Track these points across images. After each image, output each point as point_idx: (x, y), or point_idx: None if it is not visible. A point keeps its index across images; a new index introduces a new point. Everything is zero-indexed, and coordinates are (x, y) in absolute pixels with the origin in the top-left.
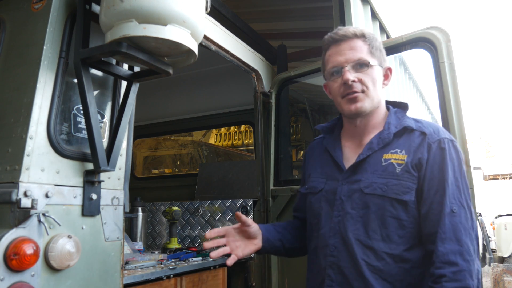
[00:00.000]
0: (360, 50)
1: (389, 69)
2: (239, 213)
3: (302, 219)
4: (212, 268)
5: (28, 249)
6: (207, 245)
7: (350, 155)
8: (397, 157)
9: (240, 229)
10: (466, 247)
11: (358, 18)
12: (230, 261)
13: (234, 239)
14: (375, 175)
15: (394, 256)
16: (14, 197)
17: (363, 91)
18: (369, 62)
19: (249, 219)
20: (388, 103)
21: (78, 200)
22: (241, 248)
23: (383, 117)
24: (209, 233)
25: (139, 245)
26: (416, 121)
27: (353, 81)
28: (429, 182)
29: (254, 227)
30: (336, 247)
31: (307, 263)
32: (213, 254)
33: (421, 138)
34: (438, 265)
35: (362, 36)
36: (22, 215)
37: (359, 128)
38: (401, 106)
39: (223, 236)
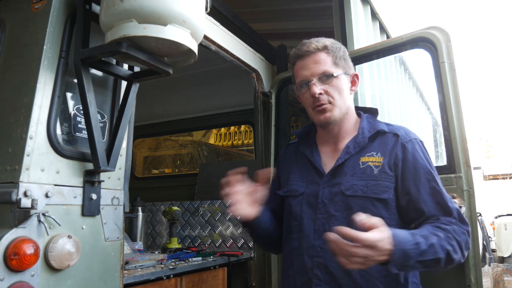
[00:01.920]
0: (324, 63)
1: (356, 76)
2: (261, 171)
3: (278, 215)
4: (212, 268)
5: (28, 249)
6: (226, 189)
7: (327, 160)
8: (373, 159)
9: (254, 190)
10: (454, 209)
11: (358, 18)
12: (230, 212)
13: (241, 197)
14: (355, 178)
15: None
16: (14, 197)
17: (330, 102)
18: (333, 74)
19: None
20: (358, 109)
21: (78, 200)
22: (242, 208)
23: (354, 122)
24: (230, 178)
25: (139, 245)
26: (387, 124)
27: (320, 93)
28: (407, 178)
29: (263, 194)
30: (322, 248)
31: (283, 264)
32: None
33: (394, 140)
34: (440, 218)
35: (325, 49)
36: (22, 215)
37: (332, 134)
38: (371, 112)
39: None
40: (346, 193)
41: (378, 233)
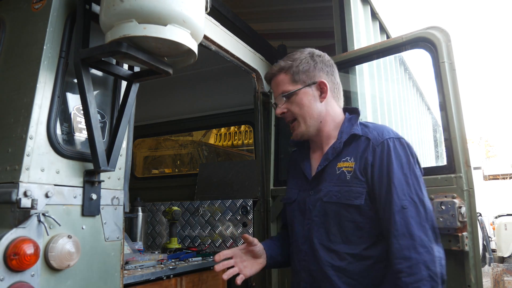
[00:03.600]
0: (282, 83)
1: (321, 83)
2: (246, 235)
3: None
4: (212, 268)
5: (28, 249)
6: (217, 267)
7: (315, 166)
8: (347, 164)
9: (246, 249)
10: (418, 240)
11: (358, 18)
12: (239, 281)
13: (241, 260)
14: (331, 184)
15: (355, 255)
16: (14, 197)
17: (294, 119)
18: (291, 91)
19: (255, 239)
20: (345, 110)
21: (78, 200)
22: (248, 267)
23: (334, 126)
24: (217, 256)
25: (139, 245)
26: (365, 126)
27: (282, 113)
28: (378, 184)
29: (259, 247)
30: (306, 252)
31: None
32: (224, 276)
33: (366, 143)
34: (395, 261)
35: (281, 70)
36: (22, 215)
37: (317, 141)
38: (354, 112)
39: (231, 258)
40: (324, 199)
41: None
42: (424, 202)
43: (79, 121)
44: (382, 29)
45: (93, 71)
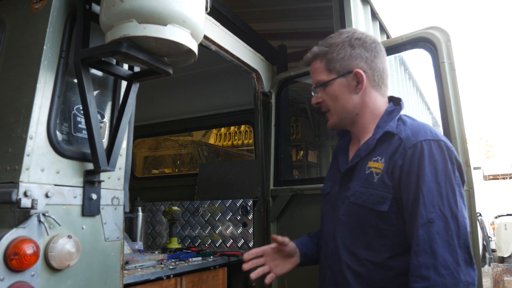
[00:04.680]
0: (317, 72)
1: (357, 73)
2: (275, 235)
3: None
4: (212, 268)
5: (28, 249)
6: (246, 266)
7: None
8: (376, 165)
9: (278, 248)
10: (441, 260)
11: (358, 18)
12: (268, 280)
13: (272, 258)
14: (359, 184)
15: (376, 263)
16: (14, 197)
17: (328, 109)
18: (325, 81)
19: (286, 239)
20: (391, 99)
21: (78, 200)
22: (279, 267)
23: (373, 119)
24: (247, 255)
25: (139, 245)
26: (402, 122)
27: (316, 103)
28: (406, 191)
29: (291, 246)
30: (332, 249)
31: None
32: (253, 275)
33: (397, 144)
34: (412, 278)
35: (315, 57)
36: (22, 215)
37: (355, 133)
38: (397, 103)
39: (261, 256)
40: (350, 199)
41: None
42: (457, 217)
43: (79, 121)
44: (382, 29)
45: (93, 71)
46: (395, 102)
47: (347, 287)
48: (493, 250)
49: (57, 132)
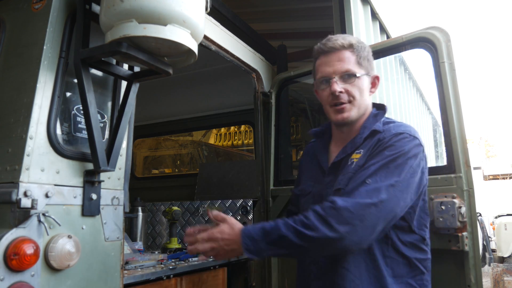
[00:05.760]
0: (348, 61)
1: (377, 78)
2: (209, 211)
3: (296, 213)
4: (212, 268)
5: (28, 249)
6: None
7: (333, 159)
8: (358, 156)
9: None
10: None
11: (358, 18)
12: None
13: None
14: (344, 176)
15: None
16: (14, 197)
17: (350, 101)
18: (356, 73)
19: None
20: (373, 105)
21: (78, 200)
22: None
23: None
24: (188, 230)
25: (139, 245)
26: (388, 123)
27: (340, 92)
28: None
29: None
30: None
31: (298, 260)
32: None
33: (379, 137)
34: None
35: (350, 47)
36: (22, 215)
37: (345, 134)
38: (381, 108)
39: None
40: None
41: (225, 226)
42: (389, 187)
43: (79, 121)
44: (382, 29)
45: (93, 71)
46: (378, 107)
47: (338, 276)
48: (493, 250)
49: (57, 132)
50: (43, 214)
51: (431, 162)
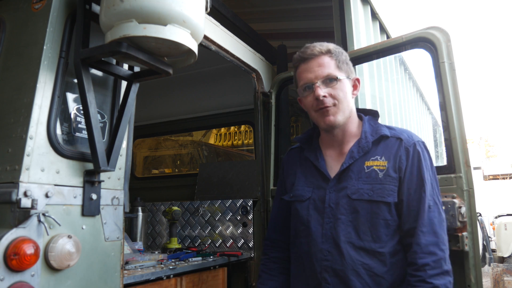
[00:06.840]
0: (328, 66)
1: (357, 80)
2: None
3: (284, 249)
4: (212, 268)
5: (28, 249)
6: None
7: (333, 164)
8: (378, 163)
9: None
10: (441, 238)
11: (358, 18)
12: None
13: None
14: (360, 182)
15: (384, 253)
16: (14, 197)
17: (334, 105)
18: (337, 77)
19: None
20: (358, 111)
21: (78, 200)
22: None
23: (357, 125)
24: None
25: (139, 245)
26: (389, 128)
27: (324, 96)
28: (408, 183)
29: None
30: (329, 251)
31: (292, 268)
32: None
33: (398, 143)
34: (420, 255)
35: (328, 52)
36: (22, 215)
37: (337, 137)
38: (372, 114)
39: None
40: (352, 197)
41: None
42: (441, 205)
43: (79, 121)
44: (382, 29)
45: (93, 71)
46: (366, 113)
47: (359, 282)
48: (493, 250)
49: (57, 132)
50: (43, 214)
51: None
